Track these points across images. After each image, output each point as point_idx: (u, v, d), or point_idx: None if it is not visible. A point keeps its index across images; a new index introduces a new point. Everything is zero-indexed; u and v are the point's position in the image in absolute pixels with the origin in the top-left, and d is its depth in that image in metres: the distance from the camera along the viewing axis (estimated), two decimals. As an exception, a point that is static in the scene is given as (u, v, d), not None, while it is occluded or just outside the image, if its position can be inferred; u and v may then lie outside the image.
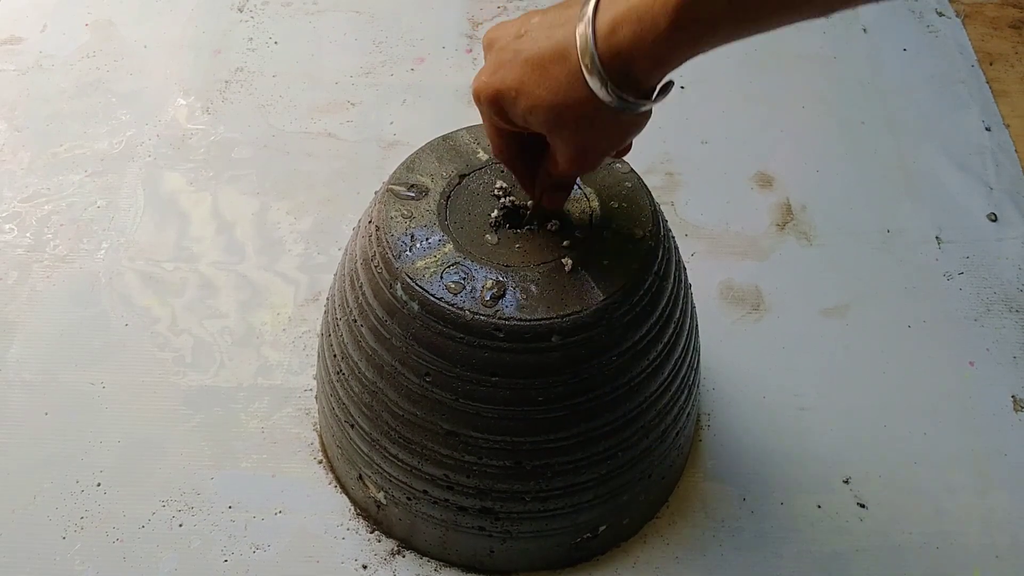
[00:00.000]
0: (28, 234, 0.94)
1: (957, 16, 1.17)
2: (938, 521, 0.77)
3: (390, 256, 0.63)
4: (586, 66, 0.49)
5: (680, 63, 0.49)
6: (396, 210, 0.65)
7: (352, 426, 0.70)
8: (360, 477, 0.73)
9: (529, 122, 0.54)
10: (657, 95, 0.52)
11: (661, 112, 1.06)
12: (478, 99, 0.56)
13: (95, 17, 1.16)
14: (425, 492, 0.68)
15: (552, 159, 0.58)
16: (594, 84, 0.50)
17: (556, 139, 0.55)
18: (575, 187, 0.67)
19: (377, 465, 0.69)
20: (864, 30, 1.16)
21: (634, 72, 0.49)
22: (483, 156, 0.69)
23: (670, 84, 0.52)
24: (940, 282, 0.92)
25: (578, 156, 0.56)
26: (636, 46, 0.48)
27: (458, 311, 0.61)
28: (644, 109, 0.52)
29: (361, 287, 0.66)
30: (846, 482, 0.78)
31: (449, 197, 0.67)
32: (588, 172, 0.63)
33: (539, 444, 0.64)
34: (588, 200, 0.66)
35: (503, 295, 0.61)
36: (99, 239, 0.94)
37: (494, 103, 0.55)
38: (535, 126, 0.54)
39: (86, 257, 0.92)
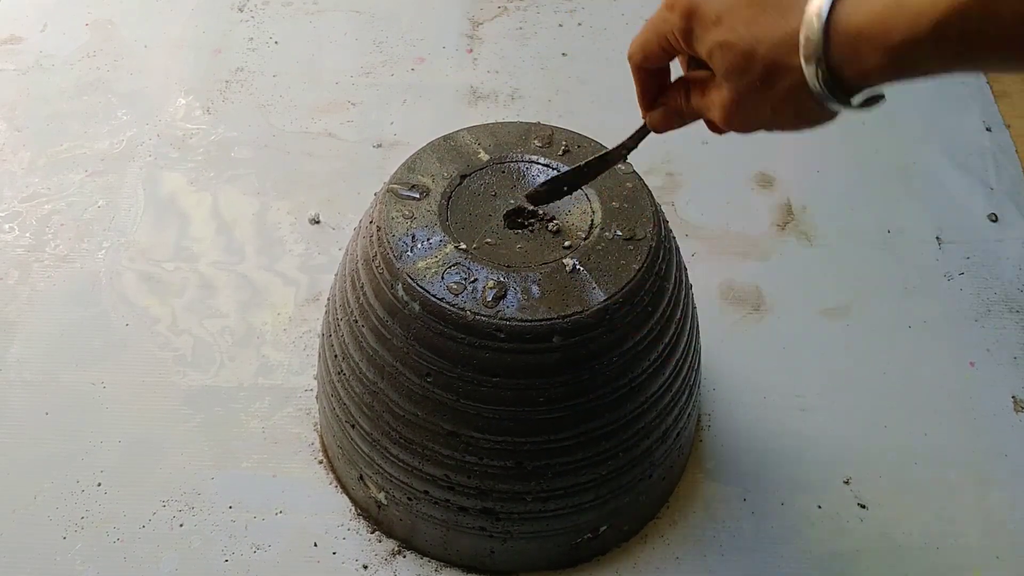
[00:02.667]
0: (28, 234, 0.94)
1: (957, 16, 1.17)
2: (938, 521, 0.77)
3: (391, 256, 0.63)
4: (807, 36, 0.43)
5: (914, 76, 0.43)
6: (397, 210, 0.65)
7: (353, 426, 0.70)
8: (361, 477, 0.73)
9: (712, 56, 0.48)
10: (862, 103, 0.45)
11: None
12: (671, 7, 0.49)
13: (95, 17, 1.16)
14: (426, 492, 0.68)
15: (704, 96, 0.51)
16: (806, 58, 0.43)
17: (727, 85, 0.48)
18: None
19: (378, 465, 0.69)
20: (864, 30, 1.16)
21: (857, 65, 0.43)
22: (484, 156, 0.69)
23: (880, 97, 0.45)
24: (940, 282, 0.92)
25: (737, 115, 0.49)
26: (878, 36, 0.41)
27: (459, 311, 0.61)
28: (839, 109, 0.46)
29: (362, 287, 0.66)
30: (846, 482, 0.79)
31: (450, 197, 0.67)
32: (732, 131, 0.53)
33: (540, 445, 0.64)
34: (589, 201, 0.66)
35: (504, 296, 0.61)
36: (99, 239, 0.94)
37: (686, 18, 0.48)
38: (715, 62, 0.48)
39: (86, 257, 0.92)
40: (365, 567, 0.74)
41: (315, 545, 0.74)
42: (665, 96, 0.55)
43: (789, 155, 1.03)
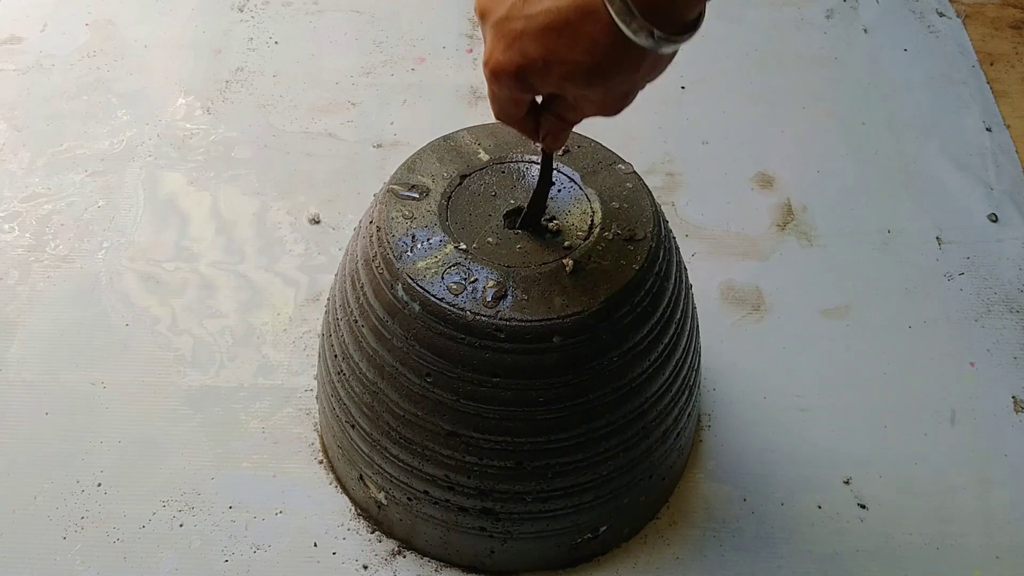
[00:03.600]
0: (28, 234, 0.94)
1: (958, 16, 1.17)
2: (938, 521, 0.77)
3: (391, 256, 0.63)
4: (621, 16, 0.45)
5: None
6: (397, 210, 0.65)
7: (353, 426, 0.70)
8: (361, 477, 0.73)
9: (564, 88, 0.50)
10: (690, 26, 0.48)
11: (661, 112, 1.07)
12: (497, 78, 0.51)
13: (95, 17, 1.16)
14: (426, 492, 0.68)
15: (573, 108, 0.53)
16: (633, 31, 0.46)
17: (589, 93, 0.51)
18: (576, 188, 0.67)
19: (378, 465, 0.69)
20: (864, 30, 1.16)
21: (677, 5, 0.45)
22: (484, 157, 0.69)
23: (702, 14, 0.48)
24: (940, 282, 0.92)
25: (613, 103, 0.52)
26: None
27: (459, 312, 0.61)
28: (682, 44, 0.48)
29: (362, 287, 0.66)
30: (846, 482, 0.79)
31: (450, 198, 0.67)
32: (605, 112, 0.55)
33: (540, 445, 0.64)
34: (589, 201, 0.66)
35: (504, 296, 0.61)
36: (99, 239, 0.94)
37: (519, 79, 0.50)
38: (568, 89, 0.51)
39: (86, 257, 0.92)
40: (365, 567, 0.74)
41: (315, 545, 0.75)
42: (543, 123, 0.57)
43: (789, 155, 1.03)
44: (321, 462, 0.79)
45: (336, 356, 0.70)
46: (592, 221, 0.65)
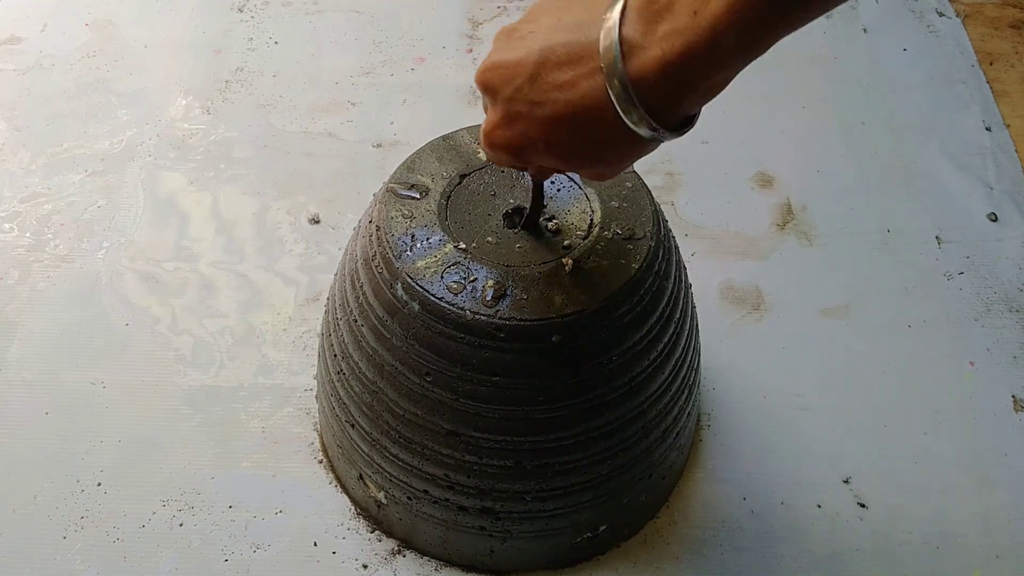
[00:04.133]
0: (28, 234, 0.94)
1: (957, 16, 1.17)
2: (938, 521, 0.76)
3: (391, 256, 0.63)
4: (631, 118, 0.46)
5: (724, 83, 0.47)
6: (397, 210, 0.65)
7: (352, 426, 0.70)
8: (360, 477, 0.73)
9: (560, 165, 0.53)
10: (687, 122, 0.49)
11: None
12: (494, 149, 0.52)
13: (95, 17, 1.16)
14: (426, 492, 0.68)
15: (566, 168, 0.56)
16: (634, 123, 0.46)
17: (583, 170, 0.53)
18: (576, 187, 0.67)
19: (377, 465, 0.69)
20: (864, 30, 1.16)
21: (680, 104, 0.46)
22: (483, 156, 0.69)
23: (697, 113, 0.49)
24: (940, 282, 0.92)
25: (604, 175, 0.53)
26: (686, 81, 0.45)
27: (459, 311, 0.61)
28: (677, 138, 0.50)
29: (362, 287, 0.66)
30: (846, 482, 0.78)
31: (450, 197, 0.67)
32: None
33: (539, 444, 0.64)
34: (589, 200, 0.66)
35: (504, 295, 0.61)
36: (99, 239, 0.94)
37: (516, 155, 0.52)
38: (565, 167, 0.54)
39: (86, 257, 0.92)
40: (365, 567, 0.74)
41: (315, 545, 0.75)
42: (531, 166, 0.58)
43: (789, 155, 1.03)
44: (321, 462, 0.79)
45: (336, 355, 0.70)
46: (591, 220, 0.65)
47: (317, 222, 0.96)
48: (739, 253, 0.94)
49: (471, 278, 0.62)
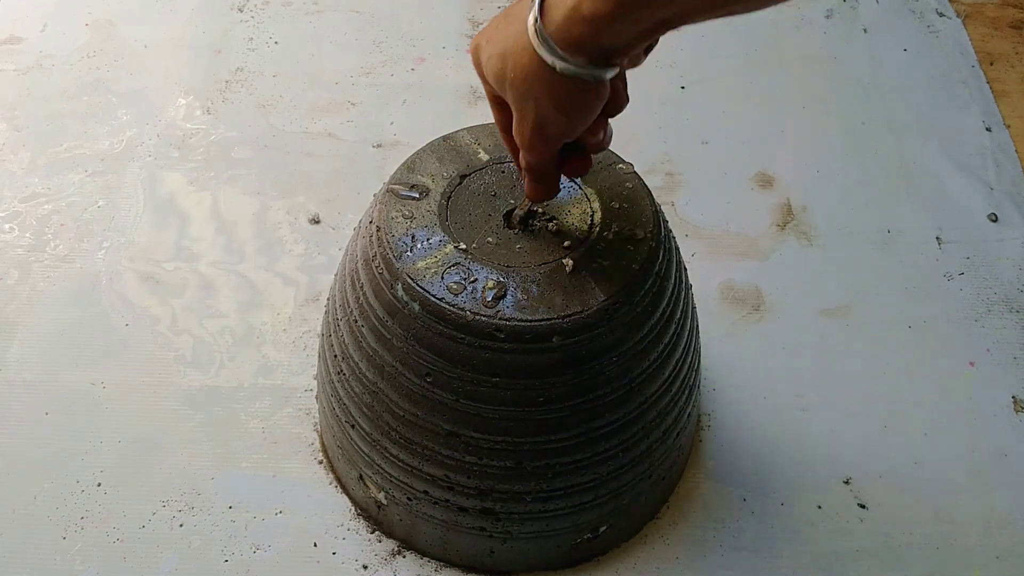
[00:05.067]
0: (28, 234, 0.94)
1: (957, 16, 1.17)
2: (938, 521, 0.77)
3: (391, 256, 0.63)
4: (533, 28, 0.50)
5: (632, 34, 0.48)
6: (397, 210, 0.65)
7: (353, 426, 0.70)
8: (361, 477, 0.73)
9: (489, 78, 0.56)
10: (611, 65, 0.51)
11: (661, 112, 1.07)
12: (475, 64, 0.58)
13: (95, 17, 1.16)
14: (426, 492, 0.68)
15: (515, 132, 0.57)
16: (536, 44, 0.50)
17: (514, 107, 0.55)
18: (576, 188, 0.67)
19: (378, 465, 0.69)
20: (864, 30, 1.16)
21: (590, 36, 0.49)
22: (484, 157, 0.69)
23: (652, 45, 0.52)
24: (940, 282, 0.92)
25: (534, 131, 0.55)
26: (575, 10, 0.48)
27: (459, 312, 0.61)
28: (592, 76, 0.51)
29: (362, 287, 0.66)
30: (846, 482, 0.78)
31: (450, 197, 0.67)
32: (545, 155, 0.58)
33: (540, 445, 0.64)
34: (589, 201, 0.66)
35: (504, 296, 0.61)
36: (99, 239, 0.94)
37: (474, 55, 0.57)
38: (494, 84, 0.56)
39: (86, 257, 0.92)
40: (365, 567, 0.74)
41: (315, 545, 0.75)
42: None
43: (789, 155, 1.03)
44: (321, 462, 0.79)
45: (336, 356, 0.70)
46: (592, 221, 0.65)
47: (317, 222, 0.96)
48: (739, 253, 0.94)
49: (471, 279, 0.62)
